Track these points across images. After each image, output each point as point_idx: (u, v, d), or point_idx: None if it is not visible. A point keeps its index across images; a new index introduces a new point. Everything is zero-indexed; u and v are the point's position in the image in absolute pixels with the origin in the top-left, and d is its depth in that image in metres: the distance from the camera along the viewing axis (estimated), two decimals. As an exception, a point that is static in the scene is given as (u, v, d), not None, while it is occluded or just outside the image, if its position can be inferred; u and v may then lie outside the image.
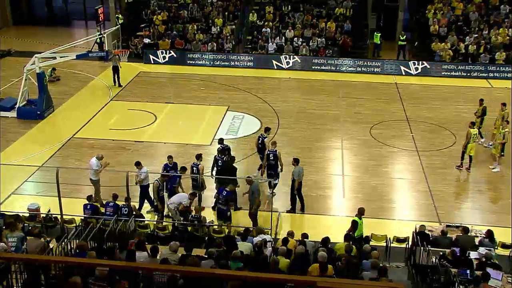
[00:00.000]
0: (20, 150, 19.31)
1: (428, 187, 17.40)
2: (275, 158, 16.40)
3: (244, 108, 23.50)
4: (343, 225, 15.16)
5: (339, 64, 28.98)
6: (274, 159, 16.39)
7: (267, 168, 16.57)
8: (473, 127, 18.24)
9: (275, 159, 16.41)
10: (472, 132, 17.97)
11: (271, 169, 16.51)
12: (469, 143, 17.99)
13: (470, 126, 18.22)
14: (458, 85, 26.83)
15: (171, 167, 15.91)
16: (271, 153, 16.45)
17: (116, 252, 10.65)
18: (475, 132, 18.18)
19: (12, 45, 32.00)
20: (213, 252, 10.97)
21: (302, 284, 6.06)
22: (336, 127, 21.76)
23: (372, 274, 10.66)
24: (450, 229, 13.61)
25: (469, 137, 17.90)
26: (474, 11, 31.40)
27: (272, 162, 16.43)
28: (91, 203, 14.42)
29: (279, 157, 16.38)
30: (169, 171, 15.73)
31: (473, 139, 18.01)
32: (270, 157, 16.42)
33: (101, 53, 24.57)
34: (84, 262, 8.43)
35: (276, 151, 16.46)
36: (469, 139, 17.91)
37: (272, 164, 16.44)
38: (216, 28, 31.52)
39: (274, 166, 16.46)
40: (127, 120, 22.32)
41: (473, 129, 18.11)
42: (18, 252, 11.14)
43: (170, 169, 15.83)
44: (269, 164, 16.47)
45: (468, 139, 17.96)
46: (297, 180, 15.73)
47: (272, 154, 16.43)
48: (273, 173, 16.49)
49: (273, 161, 16.42)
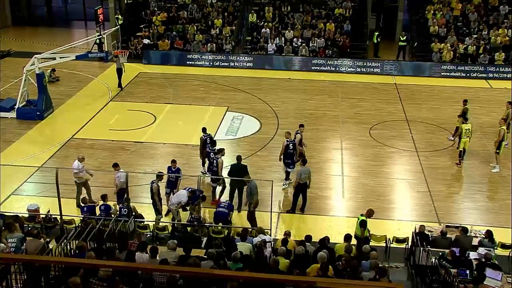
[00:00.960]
0: (20, 151, 19.30)
1: (428, 187, 17.41)
2: (293, 148, 16.87)
3: (244, 108, 23.51)
4: (342, 226, 15.21)
5: (339, 65, 29.00)
6: (293, 148, 16.89)
7: (284, 158, 17.06)
8: (466, 122, 18.63)
9: (294, 149, 16.89)
10: (464, 127, 18.39)
11: (289, 158, 17.03)
12: (461, 138, 18.43)
13: (463, 121, 18.64)
14: (458, 86, 26.85)
15: (173, 171, 15.74)
16: (290, 143, 16.96)
17: (116, 252, 10.65)
18: (467, 127, 18.50)
19: (12, 45, 32.01)
20: (213, 252, 10.97)
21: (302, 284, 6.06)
22: (336, 128, 21.76)
23: (372, 275, 10.66)
24: (450, 230, 13.60)
25: (461, 131, 18.42)
26: (473, 11, 31.44)
27: (291, 152, 16.94)
28: (87, 205, 14.43)
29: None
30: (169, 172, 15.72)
31: (465, 134, 18.39)
32: (290, 146, 16.91)
33: (100, 54, 24.58)
34: (84, 262, 8.44)
35: (294, 141, 17.03)
36: (461, 133, 18.40)
37: (291, 153, 16.97)
38: (216, 28, 31.54)
39: (291, 155, 17.00)
40: (126, 120, 22.32)
41: (465, 124, 18.50)
42: (18, 252, 11.15)
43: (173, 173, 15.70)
44: (288, 153, 16.99)
45: (460, 133, 18.51)
46: (296, 181, 15.83)
47: (292, 143, 16.92)
48: (290, 161, 17.06)
49: (292, 151, 16.94)
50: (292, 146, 16.96)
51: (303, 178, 15.66)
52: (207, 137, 17.44)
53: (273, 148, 19.81)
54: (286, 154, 17.00)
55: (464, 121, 18.69)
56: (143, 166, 18.38)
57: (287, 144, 16.94)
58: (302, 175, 15.64)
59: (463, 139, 18.44)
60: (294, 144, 17.00)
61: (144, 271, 9.33)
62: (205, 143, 17.29)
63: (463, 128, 18.42)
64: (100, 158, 18.99)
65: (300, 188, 15.79)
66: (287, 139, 17.08)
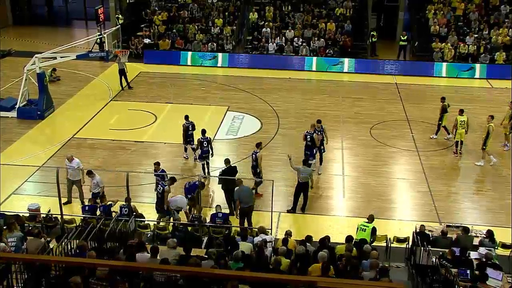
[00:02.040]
0: (20, 150, 19.31)
1: (428, 187, 17.41)
2: (311, 140, 17.47)
3: (244, 108, 23.51)
4: (343, 225, 15.21)
5: (340, 64, 28.97)
6: (311, 140, 17.51)
7: (305, 149, 17.68)
8: (462, 114, 19.10)
9: (312, 141, 17.48)
10: (459, 118, 18.99)
11: (308, 150, 17.65)
12: (457, 129, 19.07)
13: (459, 113, 19.18)
14: (458, 85, 26.83)
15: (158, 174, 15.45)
16: (308, 134, 17.56)
17: (117, 252, 10.65)
18: (462, 119, 19.00)
19: (12, 45, 32.01)
20: (213, 252, 10.96)
21: (302, 284, 6.07)
22: (337, 127, 21.75)
23: (372, 274, 10.65)
24: (450, 229, 13.61)
25: (457, 123, 19.04)
26: (474, 11, 31.42)
27: (309, 143, 17.54)
28: (89, 204, 14.42)
29: (315, 140, 17.46)
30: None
31: (461, 125, 18.97)
32: (308, 138, 17.55)
33: (101, 53, 24.57)
34: (84, 262, 8.45)
35: (313, 133, 17.55)
36: (457, 124, 19.03)
37: (309, 145, 17.57)
38: (216, 28, 31.54)
39: (310, 147, 17.61)
40: (127, 120, 22.33)
41: (461, 116, 19.03)
42: (18, 251, 11.15)
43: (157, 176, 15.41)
44: (306, 145, 17.67)
45: (456, 124, 19.10)
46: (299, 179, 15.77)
47: (309, 135, 17.51)
48: (309, 153, 17.58)
49: (310, 142, 17.53)
50: (310, 138, 17.50)
51: (302, 178, 15.65)
52: (189, 124, 18.45)
53: (274, 148, 19.82)
54: (305, 146, 17.69)
55: (460, 113, 19.16)
56: (143, 165, 18.38)
57: (305, 135, 17.65)
58: (301, 174, 15.64)
59: (459, 130, 19.07)
60: (312, 136, 17.45)
61: (144, 271, 9.33)
62: (187, 129, 18.38)
63: (459, 119, 19.01)
64: (100, 158, 19.01)
65: (301, 188, 15.79)
66: (307, 131, 17.75)
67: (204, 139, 17.46)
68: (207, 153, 17.45)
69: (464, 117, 19.07)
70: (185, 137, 18.51)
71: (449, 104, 20.36)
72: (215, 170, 17.54)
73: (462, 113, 19.18)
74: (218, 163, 17.52)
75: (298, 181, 15.76)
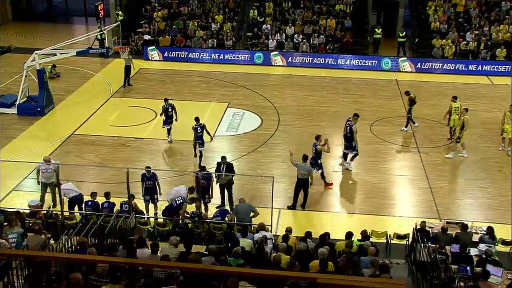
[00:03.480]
0: (21, 147, 19.31)
1: (429, 183, 17.41)
2: (351, 131, 17.47)
3: (245, 104, 23.50)
4: (342, 222, 15.22)
5: (340, 61, 28.95)
6: (350, 131, 17.49)
7: (344, 140, 17.95)
8: (455, 101, 19.80)
9: (351, 132, 17.44)
10: (453, 105, 19.72)
11: (346, 141, 17.80)
12: (451, 115, 19.71)
13: (452, 100, 19.86)
14: (458, 82, 26.81)
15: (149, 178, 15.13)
16: (349, 126, 17.61)
17: (118, 248, 10.66)
18: (456, 105, 19.67)
19: (12, 41, 31.99)
20: (214, 248, 10.97)
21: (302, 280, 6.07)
22: (337, 124, 21.72)
23: (373, 271, 10.66)
24: (450, 226, 13.61)
25: (450, 109, 19.80)
26: (474, 7, 31.37)
27: (348, 135, 17.54)
28: (92, 200, 14.41)
29: (354, 132, 17.44)
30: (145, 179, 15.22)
31: (455, 112, 19.58)
32: (347, 129, 17.59)
33: (101, 50, 24.53)
34: (85, 258, 8.45)
35: (352, 125, 17.51)
36: (451, 111, 19.76)
37: (348, 136, 17.60)
38: (217, 24, 31.50)
39: (349, 139, 17.60)
40: (127, 116, 22.32)
41: (454, 103, 19.74)
42: (19, 248, 11.15)
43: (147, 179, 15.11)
44: (345, 136, 17.79)
45: (449, 110, 19.82)
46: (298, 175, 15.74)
47: (349, 126, 17.58)
48: (348, 144, 17.77)
49: (349, 134, 17.52)
50: (349, 129, 17.58)
51: (301, 174, 15.61)
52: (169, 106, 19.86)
53: (274, 144, 19.82)
54: (344, 136, 17.95)
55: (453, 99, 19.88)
56: (144, 162, 18.36)
57: (346, 126, 17.82)
58: (300, 170, 15.62)
59: (453, 116, 19.67)
60: (351, 127, 17.47)
61: (145, 267, 9.33)
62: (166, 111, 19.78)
63: (453, 106, 19.72)
64: (101, 155, 19.01)
65: (300, 184, 15.77)
66: (348, 121, 17.84)
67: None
68: (200, 140, 18.12)
69: (458, 104, 19.68)
70: (166, 118, 19.75)
71: (415, 96, 20.73)
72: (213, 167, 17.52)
73: (456, 100, 19.83)
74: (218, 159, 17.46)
75: (298, 178, 15.74)
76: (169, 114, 19.70)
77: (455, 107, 19.70)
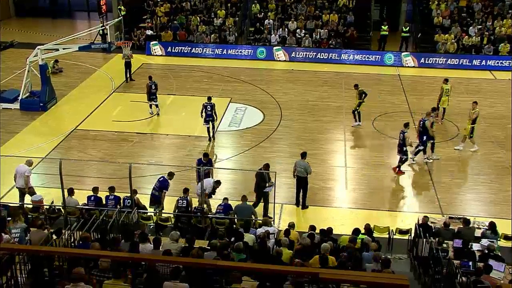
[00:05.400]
0: (23, 142, 19.34)
1: (431, 178, 17.39)
2: (423, 126, 17.93)
3: (247, 100, 23.48)
4: (345, 217, 15.22)
5: (342, 56, 28.91)
6: (422, 126, 17.97)
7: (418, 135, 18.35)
8: (446, 83, 20.89)
9: (423, 128, 17.92)
10: (445, 87, 20.83)
11: (420, 135, 18.16)
12: (442, 96, 20.74)
13: (444, 82, 20.97)
14: (461, 77, 26.73)
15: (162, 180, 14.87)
16: (422, 120, 18.06)
17: (121, 243, 10.68)
18: (447, 87, 20.87)
19: (15, 36, 32.00)
20: (216, 243, 10.98)
21: (304, 275, 6.08)
22: (339, 119, 21.73)
23: (375, 266, 10.67)
24: (453, 221, 13.59)
25: (442, 91, 20.78)
26: (477, 2, 31.26)
27: (421, 129, 18.04)
28: (95, 195, 14.43)
29: (428, 127, 17.81)
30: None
31: (446, 93, 20.78)
32: (420, 124, 18.12)
33: (104, 45, 24.52)
34: (87, 253, 8.48)
35: (426, 121, 17.91)
36: (442, 93, 20.76)
37: (421, 131, 18.07)
38: (219, 19, 31.45)
39: (421, 133, 18.08)
40: (129, 111, 22.32)
41: (445, 85, 20.85)
42: (22, 242, 11.19)
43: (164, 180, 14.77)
44: (418, 130, 18.26)
45: (441, 93, 20.79)
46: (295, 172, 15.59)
47: (422, 121, 18.02)
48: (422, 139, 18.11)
49: (422, 128, 18.01)
50: (422, 124, 17.97)
51: (298, 171, 15.41)
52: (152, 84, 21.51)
53: (276, 139, 19.82)
54: (418, 131, 18.31)
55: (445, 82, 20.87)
56: (146, 157, 18.41)
57: (419, 121, 18.26)
58: (297, 168, 15.46)
59: (443, 98, 20.73)
60: (424, 122, 17.86)
61: (148, 262, 9.35)
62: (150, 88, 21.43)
63: (444, 88, 20.81)
64: (103, 150, 19.03)
65: (299, 182, 15.60)
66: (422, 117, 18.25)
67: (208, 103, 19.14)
68: (211, 117, 19.03)
69: (448, 86, 20.87)
70: (149, 95, 21.47)
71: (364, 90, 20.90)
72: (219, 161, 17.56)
73: (447, 82, 20.93)
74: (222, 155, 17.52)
75: (296, 176, 15.49)
76: (152, 91, 21.31)
77: (446, 89, 20.73)
